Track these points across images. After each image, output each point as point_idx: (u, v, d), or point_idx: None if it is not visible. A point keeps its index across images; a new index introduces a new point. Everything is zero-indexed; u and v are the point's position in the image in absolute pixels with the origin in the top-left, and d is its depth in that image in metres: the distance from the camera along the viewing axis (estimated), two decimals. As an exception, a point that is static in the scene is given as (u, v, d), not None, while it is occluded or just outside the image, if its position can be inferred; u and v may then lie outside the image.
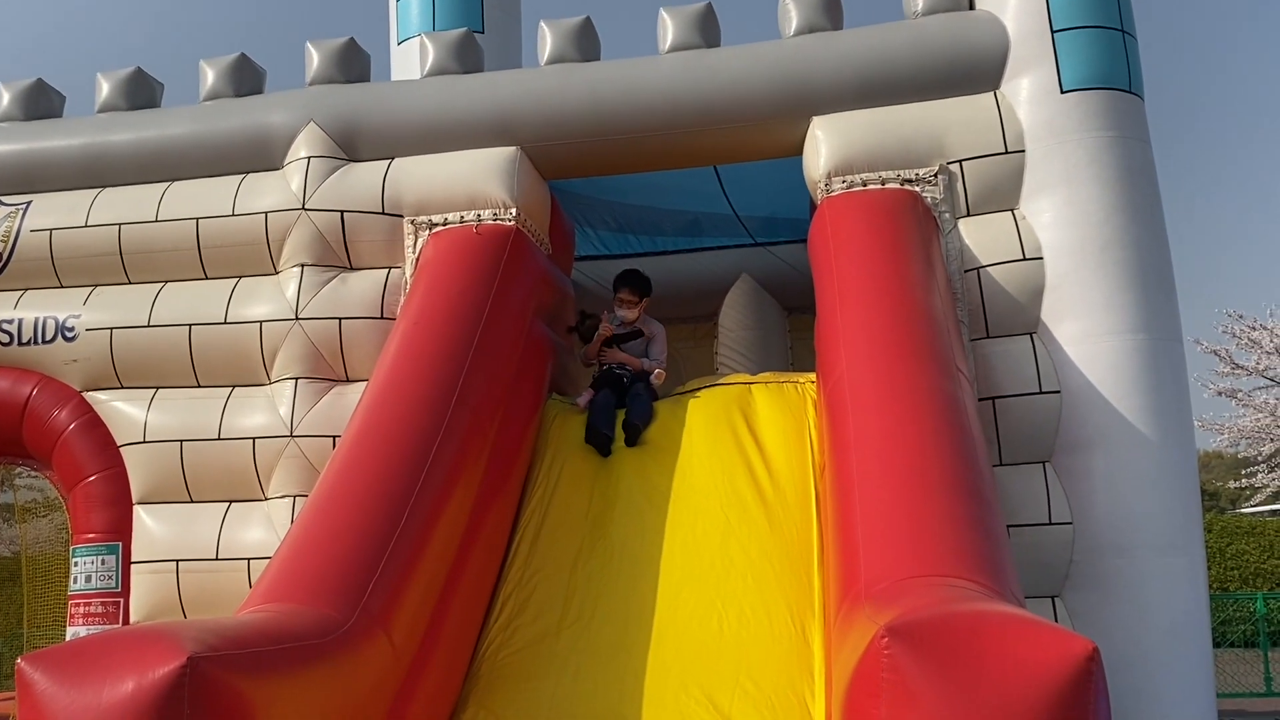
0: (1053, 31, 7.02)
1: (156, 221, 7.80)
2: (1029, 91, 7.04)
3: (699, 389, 7.36)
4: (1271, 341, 26.16)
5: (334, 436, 6.91)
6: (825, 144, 7.21)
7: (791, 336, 11.30)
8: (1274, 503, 30.56)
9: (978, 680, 3.15)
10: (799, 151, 7.44)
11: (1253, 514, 28.87)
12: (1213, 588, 17.59)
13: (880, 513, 4.83)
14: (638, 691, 5.47)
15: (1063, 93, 6.95)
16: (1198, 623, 6.45)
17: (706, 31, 7.63)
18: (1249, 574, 19.39)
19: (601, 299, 9.87)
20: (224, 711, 3.58)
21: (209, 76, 8.19)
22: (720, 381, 7.49)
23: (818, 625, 5.60)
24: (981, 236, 6.95)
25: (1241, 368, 27.17)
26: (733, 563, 6.05)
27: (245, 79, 8.17)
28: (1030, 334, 6.76)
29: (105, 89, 8.39)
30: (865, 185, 7.10)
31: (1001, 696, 3.11)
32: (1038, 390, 6.61)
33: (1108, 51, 7.02)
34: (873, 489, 5.00)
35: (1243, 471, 30.63)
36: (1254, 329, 26.68)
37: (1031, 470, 6.59)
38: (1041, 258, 6.79)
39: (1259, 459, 28.93)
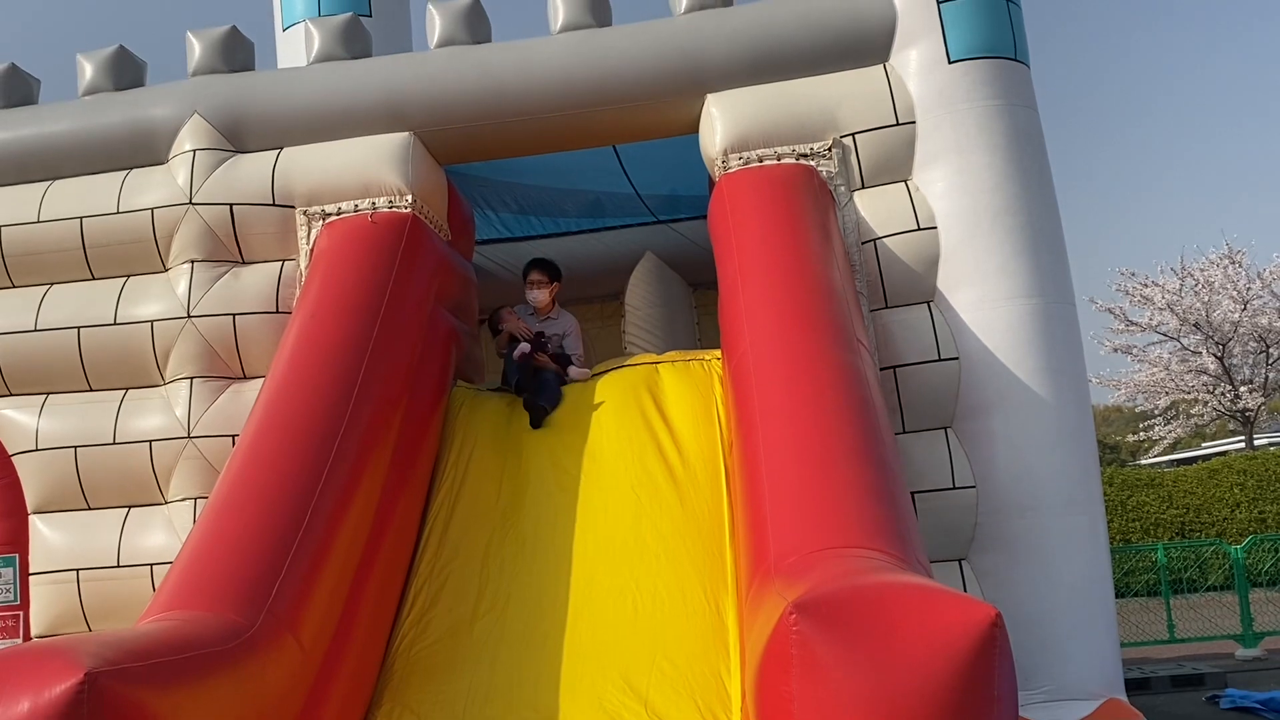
0: (938, 2, 7.09)
1: (39, 222, 7.54)
2: (917, 63, 7.11)
3: (606, 371, 7.35)
4: (1163, 298, 26.94)
5: (233, 436, 6.76)
6: (720, 121, 7.22)
7: (698, 312, 11.33)
8: (1172, 453, 31.57)
9: (885, 652, 3.19)
10: (695, 129, 7.44)
11: (1152, 465, 29.79)
12: (1115, 540, 18.13)
13: (787, 486, 4.87)
14: (555, 678, 5.47)
15: (950, 63, 7.03)
16: (1100, 576, 6.61)
17: (597, 11, 7.58)
18: (1150, 525, 19.96)
19: (504, 282, 9.81)
20: (126, 726, 3.49)
21: (87, 70, 7.92)
22: (627, 363, 7.49)
23: (731, 601, 5.64)
24: (877, 208, 7.01)
25: (1135, 324, 27.97)
26: (645, 543, 6.06)
27: (125, 72, 7.90)
28: (928, 302, 6.85)
29: (-22, 86, 8.07)
30: (761, 161, 7.13)
31: (908, 667, 3.15)
32: (937, 358, 6.70)
33: (993, 20, 7.11)
34: (779, 463, 5.03)
35: (1141, 425, 31.59)
36: (1146, 286, 27.46)
37: (934, 436, 6.70)
38: (935, 227, 6.88)
39: (1155, 412, 29.84)
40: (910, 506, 5.01)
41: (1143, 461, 33.47)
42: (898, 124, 7.05)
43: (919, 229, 6.88)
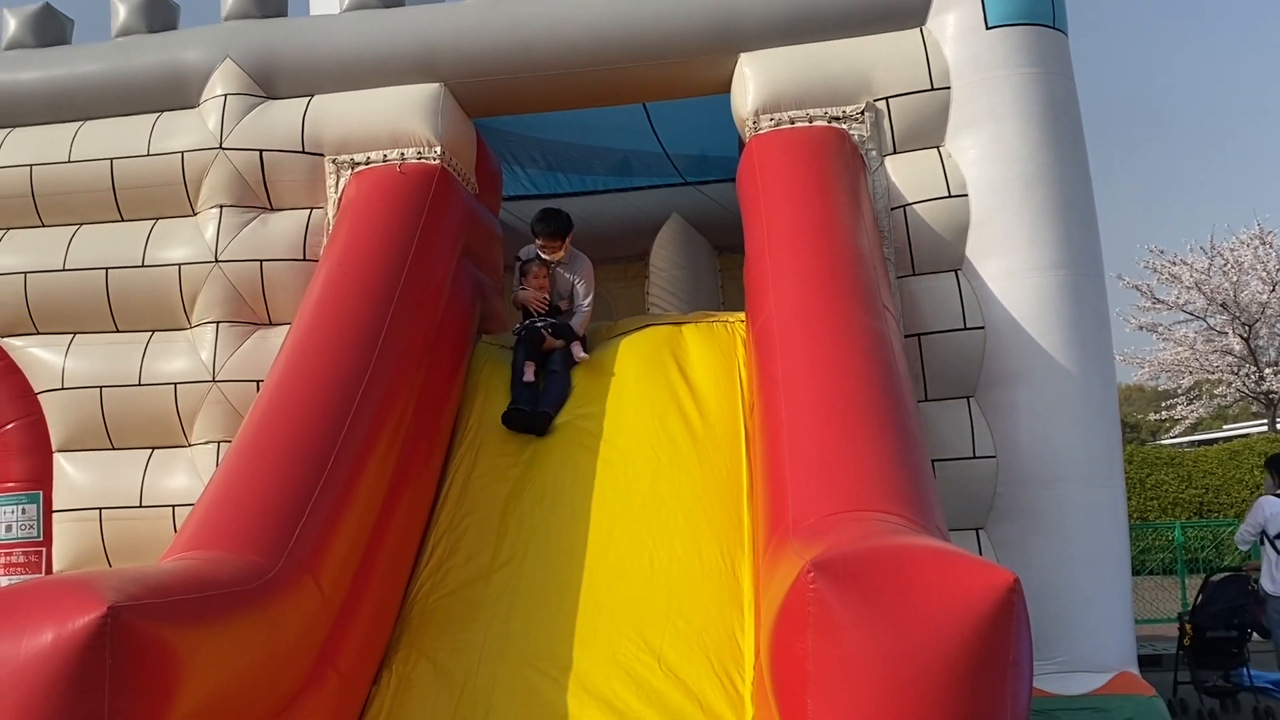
0: (978, -34, 7.00)
1: (69, 162, 7.57)
2: (955, 27, 7.03)
3: (630, 330, 7.34)
4: (1191, 276, 26.74)
5: (257, 381, 6.80)
6: (753, 81, 7.16)
7: (722, 275, 11.32)
8: (1192, 434, 31.41)
9: (901, 612, 3.19)
10: (727, 89, 7.39)
11: (1172, 445, 29.65)
12: (1132, 517, 18.05)
13: (808, 449, 4.86)
14: (570, 631, 5.50)
15: (988, 28, 6.95)
16: (1118, 551, 6.60)
17: (632, -35, 7.51)
18: (1168, 503, 19.92)
19: (529, 239, 9.81)
20: (147, 660, 3.54)
21: (120, 12, 7.92)
22: (651, 322, 7.48)
23: (747, 561, 5.65)
24: (908, 174, 6.96)
25: (1162, 302, 27.78)
26: (663, 502, 6.07)
27: (158, 14, 7.90)
28: (955, 271, 6.81)
29: (12, 25, 8.08)
30: (793, 123, 7.08)
31: (925, 628, 3.16)
32: (962, 326, 6.67)
33: (1032, -13, 7.02)
34: (801, 426, 5.03)
35: (1162, 404, 31.44)
36: (1174, 264, 27.25)
37: (956, 405, 6.68)
38: (966, 195, 6.82)
39: (1178, 391, 29.68)
40: (931, 474, 5.01)
41: (1163, 441, 33.32)
42: (932, 89, 6.99)
43: (949, 196, 6.83)
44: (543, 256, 7.42)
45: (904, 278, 6.85)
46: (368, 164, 7.33)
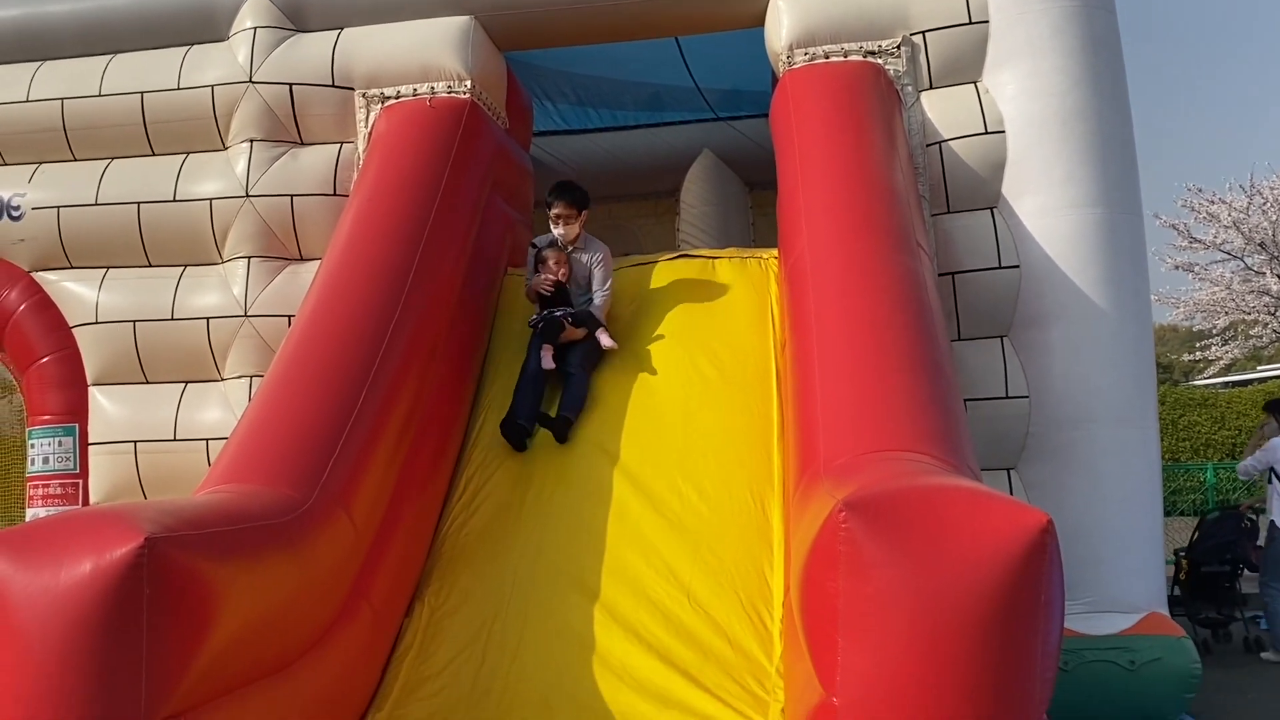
0: (1017, -104, 6.83)
1: (100, 96, 7.56)
2: (994, -41, 6.88)
3: (661, 261, 7.29)
4: (1229, 215, 26.30)
5: (288, 316, 6.82)
6: (787, 15, 7.05)
7: (753, 212, 11.23)
8: (1227, 375, 31.13)
9: (933, 552, 3.18)
10: (761, 23, 7.28)
11: (1205, 386, 29.40)
12: (1165, 458, 17.98)
13: (840, 388, 4.84)
14: (599, 565, 5.53)
15: (1027, -40, 6.80)
16: (1150, 492, 6.57)
17: (666, -105, 7.38)
18: (1200, 445, 19.81)
19: (560, 175, 9.73)
20: (183, 592, 3.56)
21: (149, -56, 7.86)
22: (684, 254, 7.43)
23: (776, 501, 5.66)
24: (944, 109, 6.86)
25: (1199, 241, 27.37)
26: (693, 440, 6.07)
27: (187, -54, 7.84)
28: (991, 208, 6.73)
29: (40, -43, 8.04)
30: (828, 58, 6.97)
31: (956, 568, 3.15)
32: (997, 265, 6.61)
33: (1073, -83, 6.85)
34: (832, 365, 5.00)
35: (1197, 345, 31.11)
36: (1212, 203, 26.79)
37: (990, 345, 6.63)
38: (1003, 131, 6.72)
39: (1214, 332, 29.35)
40: (963, 414, 4.97)
41: (1196, 382, 33.04)
42: (970, 23, 6.85)
43: (986, 133, 6.73)
44: (558, 237, 6.75)
45: (938, 215, 6.78)
46: (398, 98, 7.29)
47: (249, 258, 7.20)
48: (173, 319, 7.26)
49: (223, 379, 7.25)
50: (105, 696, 3.42)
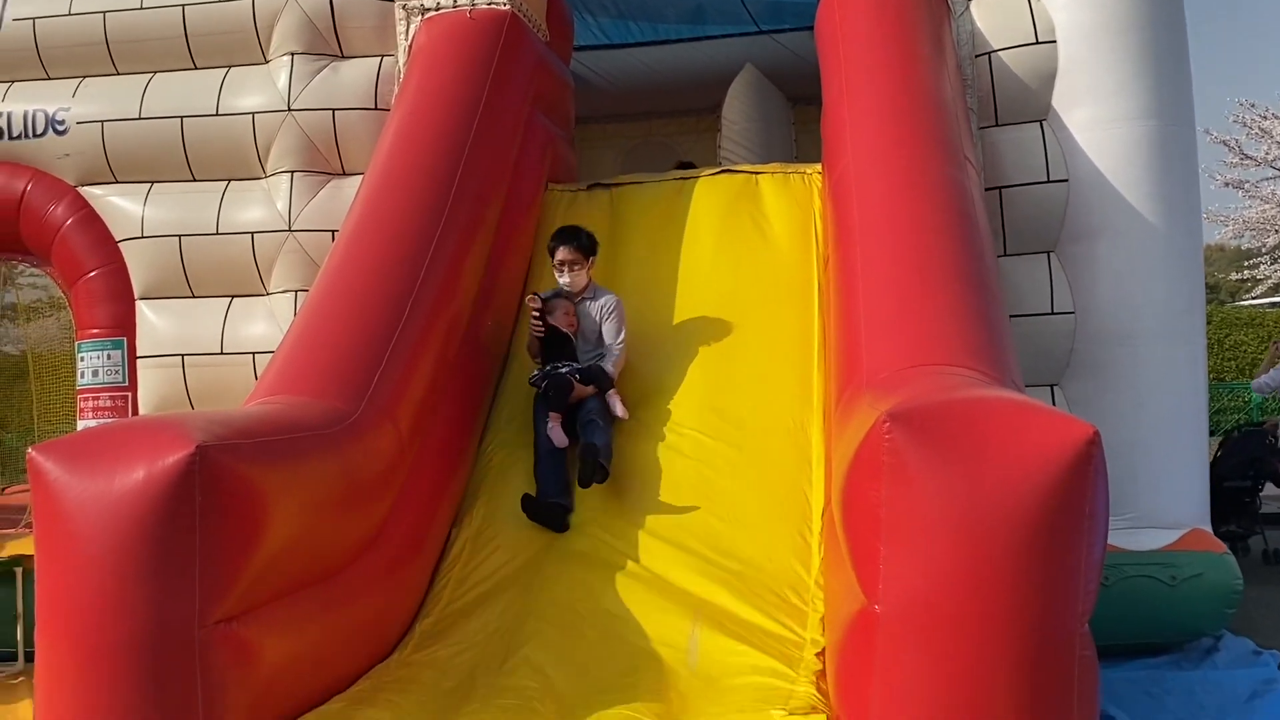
0: None
1: (141, 9, 7.53)
2: None
3: (703, 175, 7.22)
4: (1283, 131, 25.71)
5: (332, 231, 6.83)
6: (834, -79, 6.88)
7: (796, 129, 11.10)
8: (1274, 295, 30.64)
9: (977, 464, 3.18)
10: (806, -70, 7.13)
11: (1252, 306, 28.98)
12: (1209, 377, 17.83)
13: (883, 303, 4.81)
14: (641, 480, 5.58)
15: None
16: (1195, 410, 6.52)
17: None
18: (1246, 364, 19.60)
19: (602, 91, 9.65)
20: (234, 499, 3.64)
21: None
22: (725, 169, 7.36)
23: (816, 418, 5.66)
24: (993, 19, 6.71)
25: (1250, 158, 26.78)
26: (734, 356, 6.07)
27: None
28: (1040, 121, 6.60)
29: None
30: (874, -34, 6.81)
31: (1001, 479, 3.14)
32: (1045, 179, 6.50)
33: None
34: (876, 279, 4.96)
35: (1245, 264, 30.60)
36: (1265, 119, 26.17)
37: (1036, 260, 6.56)
38: (1054, 41, 6.57)
39: (1262, 251, 28.83)
40: (1008, 329, 4.93)
41: (1243, 301, 32.57)
42: (1021, -71, 6.68)
43: (1037, 43, 6.58)
44: (564, 287, 6.07)
45: (986, 128, 6.66)
46: (438, 10, 7.20)
47: (292, 172, 7.21)
48: (217, 234, 7.30)
49: (268, 293, 7.30)
50: (160, 600, 3.52)
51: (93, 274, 7.60)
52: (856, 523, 3.52)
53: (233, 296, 7.39)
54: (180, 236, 7.37)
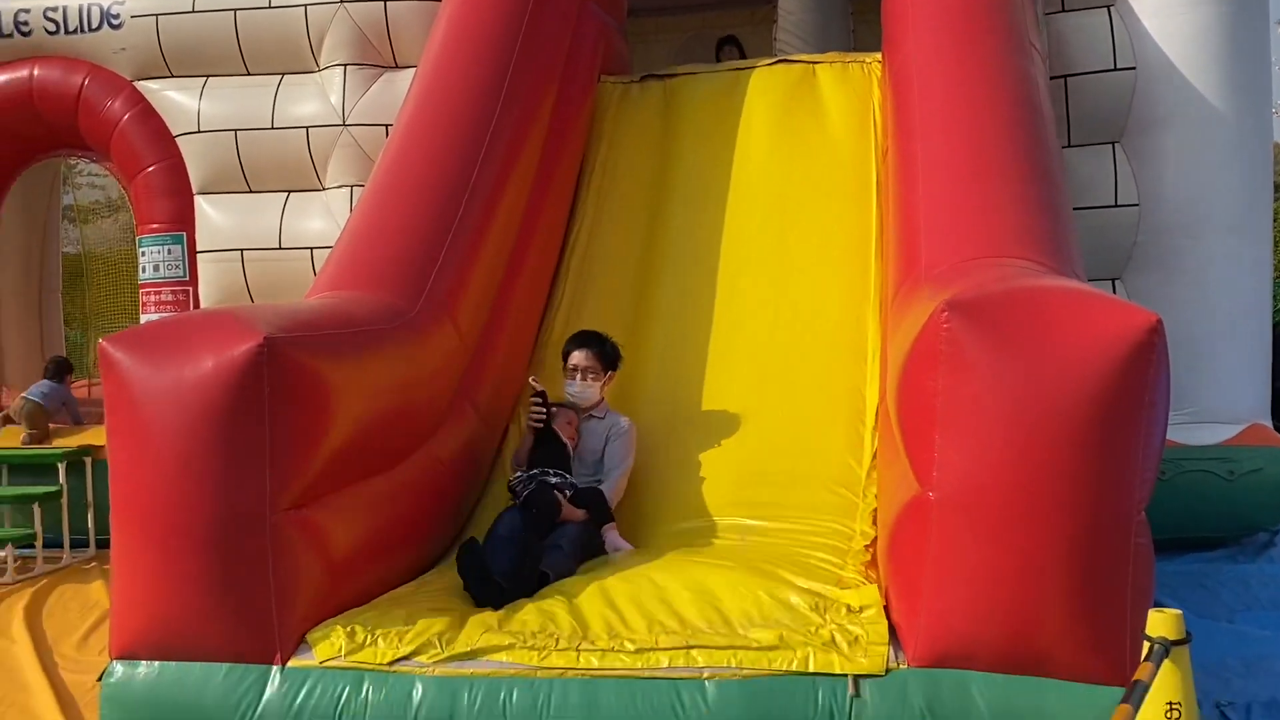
0: None
1: (193, -100, 7.49)
2: None
3: (759, 66, 7.09)
4: (1360, 18, 24.78)
5: (386, 125, 6.83)
6: None
7: (854, 18, 10.83)
8: (1343, 189, 29.86)
9: (1037, 351, 3.15)
10: None
11: (1320, 200, 28.24)
12: (1274, 274, 17.50)
13: (944, 195, 4.74)
14: (699, 380, 5.60)
15: None
16: (1258, 305, 6.44)
17: None
18: (1311, 261, 19.21)
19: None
20: (300, 390, 3.71)
21: None
22: (782, 59, 7.22)
23: (873, 313, 5.62)
24: (1062, -101, 6.50)
25: (1325, 47, 25.90)
26: (789, 252, 6.01)
27: None
28: (1108, 6, 6.43)
29: None
30: None
31: (1061, 365, 3.12)
32: (1112, 67, 6.35)
33: None
34: (936, 170, 4.89)
35: (1314, 158, 29.78)
36: (1342, 5, 25.24)
37: (1100, 151, 6.44)
38: (1123, -78, 6.37)
39: (1333, 143, 28.03)
40: (1072, 221, 4.86)
41: (1311, 196, 31.75)
42: None
43: (1105, -75, 6.38)
44: (571, 397, 5.15)
45: (1052, 14, 6.49)
46: (489, -102, 7.07)
47: (345, 65, 7.20)
48: (273, 128, 7.33)
49: (324, 188, 7.34)
50: (232, 487, 3.62)
51: (151, 169, 7.68)
52: (912, 412, 3.53)
53: (289, 191, 7.44)
54: (236, 131, 7.41)
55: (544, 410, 4.92)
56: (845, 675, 3.41)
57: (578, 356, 5.15)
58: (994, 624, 3.27)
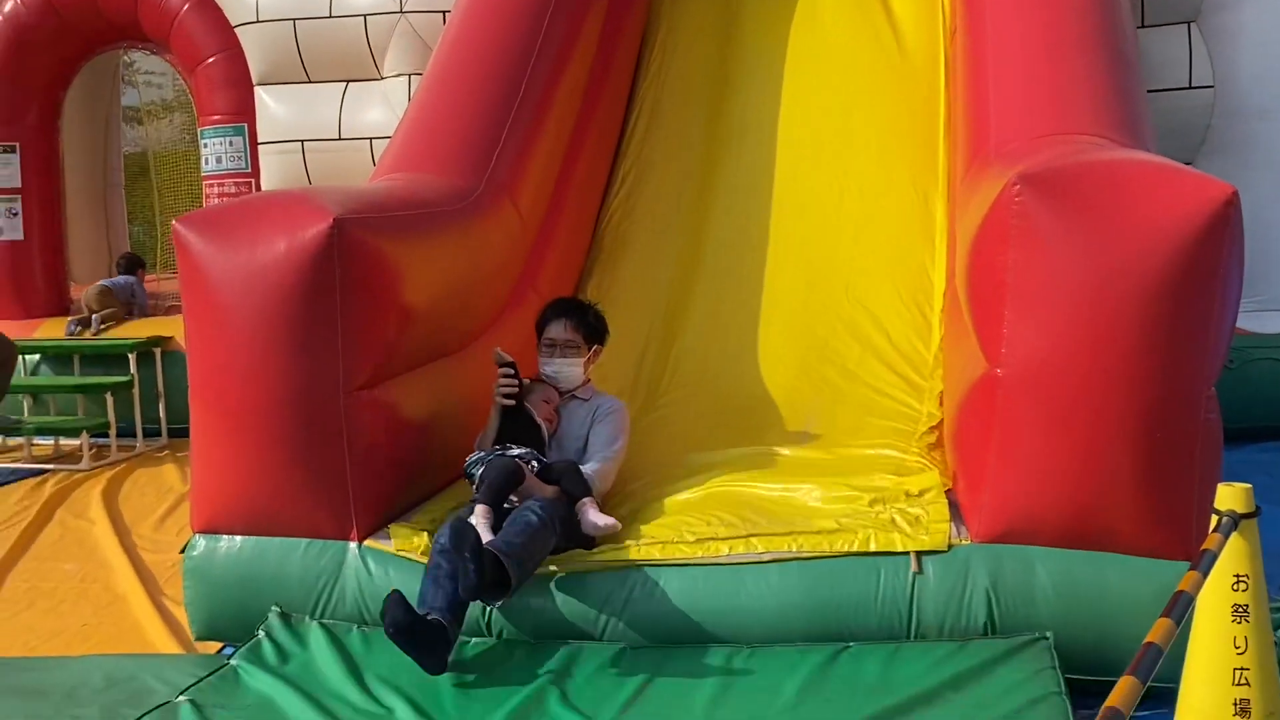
0: None
1: None
2: None
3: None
4: None
5: (443, 11, 6.77)
6: None
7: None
8: None
9: (1110, 224, 3.10)
10: None
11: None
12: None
13: (1015, 72, 4.63)
14: (760, 261, 5.60)
15: None
16: (1333, 191, 6.27)
17: None
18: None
19: None
20: (370, 271, 3.74)
21: None
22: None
23: (941, 194, 5.56)
24: None
25: None
26: (855, 134, 5.95)
27: None
28: (1185, -125, 6.20)
29: None
30: None
31: (1134, 238, 3.07)
32: (1188, -57, 6.15)
33: None
34: (1008, 48, 4.77)
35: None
36: None
37: (1175, 31, 6.25)
38: None
39: None
40: (1145, 101, 4.74)
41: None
42: None
43: None
44: (548, 376, 4.23)
45: (1127, -114, 6.26)
46: None
47: (402, -48, 7.13)
48: (330, 17, 7.28)
49: (382, 78, 7.32)
50: (307, 366, 3.68)
51: (211, 60, 7.70)
52: (981, 290, 3.50)
53: (348, 81, 7.42)
54: (294, 20, 7.37)
55: (514, 382, 4.05)
56: (907, 553, 3.45)
57: (556, 329, 4.22)
58: (1059, 499, 3.28)
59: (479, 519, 3.60)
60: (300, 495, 3.78)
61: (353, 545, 3.77)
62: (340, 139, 7.41)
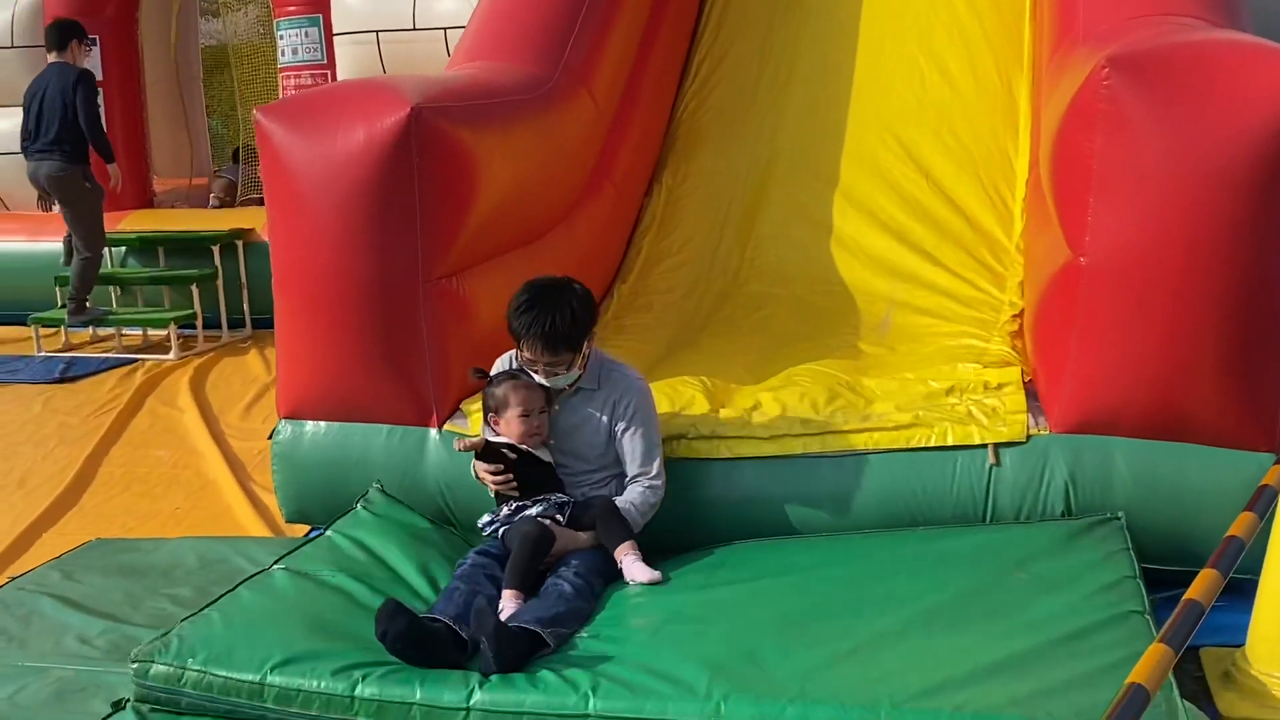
0: None
1: None
2: None
3: None
4: None
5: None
6: None
7: None
8: None
9: (1202, 107, 3.00)
10: None
11: None
12: None
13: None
14: (836, 147, 5.53)
15: None
16: None
17: None
18: None
19: None
20: (448, 159, 3.76)
21: None
22: None
23: (1026, 80, 5.44)
24: None
25: None
26: (938, 17, 5.81)
27: None
28: None
29: None
30: None
31: (1227, 122, 2.97)
32: None
33: None
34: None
35: None
36: None
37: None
38: None
39: None
40: None
41: None
42: None
43: None
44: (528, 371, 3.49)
45: None
46: None
47: None
48: (406, -97, 7.22)
49: (457, -34, 7.25)
50: (385, 254, 3.72)
51: (287, -51, 7.67)
52: (1067, 176, 3.42)
53: (422, -31, 7.37)
54: (370, -93, 7.32)
55: (509, 477, 3.38)
56: (984, 445, 3.44)
57: (534, 352, 3.38)
58: (1141, 389, 3.24)
59: (508, 602, 3.09)
60: (381, 383, 3.85)
61: (433, 431, 3.84)
62: (415, 29, 7.37)
